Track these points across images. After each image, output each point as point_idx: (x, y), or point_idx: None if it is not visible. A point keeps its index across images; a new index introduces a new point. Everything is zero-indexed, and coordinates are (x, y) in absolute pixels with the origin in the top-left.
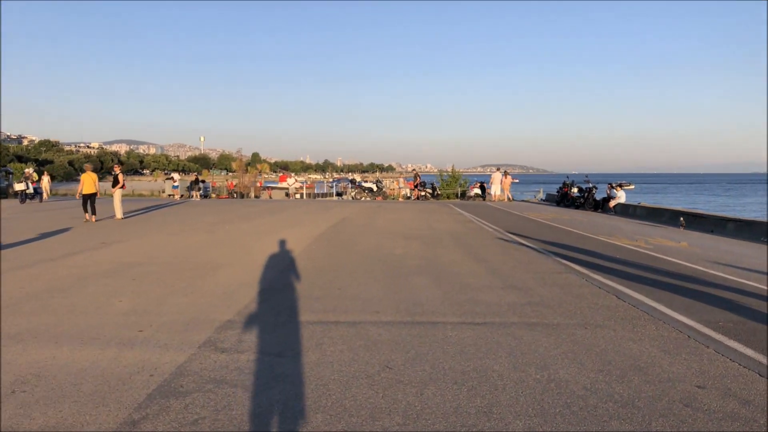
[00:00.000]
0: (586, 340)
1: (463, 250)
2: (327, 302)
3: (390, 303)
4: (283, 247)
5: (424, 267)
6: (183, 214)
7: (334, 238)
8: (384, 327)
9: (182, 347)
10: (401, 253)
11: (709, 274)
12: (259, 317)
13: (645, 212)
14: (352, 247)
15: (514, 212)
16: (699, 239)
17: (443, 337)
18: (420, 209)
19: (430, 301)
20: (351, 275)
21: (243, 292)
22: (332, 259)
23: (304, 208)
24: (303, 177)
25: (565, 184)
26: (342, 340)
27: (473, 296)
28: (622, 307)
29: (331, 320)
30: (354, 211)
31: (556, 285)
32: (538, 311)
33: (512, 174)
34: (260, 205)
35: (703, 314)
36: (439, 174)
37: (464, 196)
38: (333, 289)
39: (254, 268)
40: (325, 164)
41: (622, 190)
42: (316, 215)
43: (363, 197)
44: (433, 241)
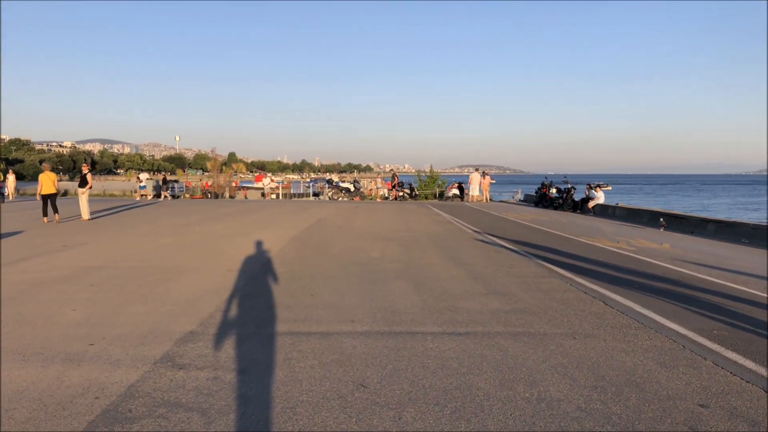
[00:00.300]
0: (576, 351)
1: (443, 253)
2: (299, 311)
3: (366, 311)
4: (254, 250)
5: (402, 271)
6: (153, 215)
7: (309, 240)
8: (359, 338)
9: (136, 363)
10: (378, 256)
11: (694, 278)
12: (224, 328)
13: (624, 213)
14: (328, 250)
15: (492, 213)
16: (680, 240)
17: (423, 349)
18: (398, 210)
19: (409, 308)
20: (325, 280)
21: (209, 299)
22: (306, 263)
23: (280, 209)
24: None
25: (543, 185)
26: (313, 354)
27: (454, 303)
28: (611, 314)
29: (303, 331)
30: (330, 211)
31: (540, 290)
32: (523, 319)
33: (489, 174)
34: (234, 206)
35: (695, 321)
36: (417, 174)
37: (442, 197)
38: (306, 296)
39: (222, 273)
40: (302, 164)
41: (601, 191)
42: (292, 216)
43: (340, 197)
44: (411, 243)
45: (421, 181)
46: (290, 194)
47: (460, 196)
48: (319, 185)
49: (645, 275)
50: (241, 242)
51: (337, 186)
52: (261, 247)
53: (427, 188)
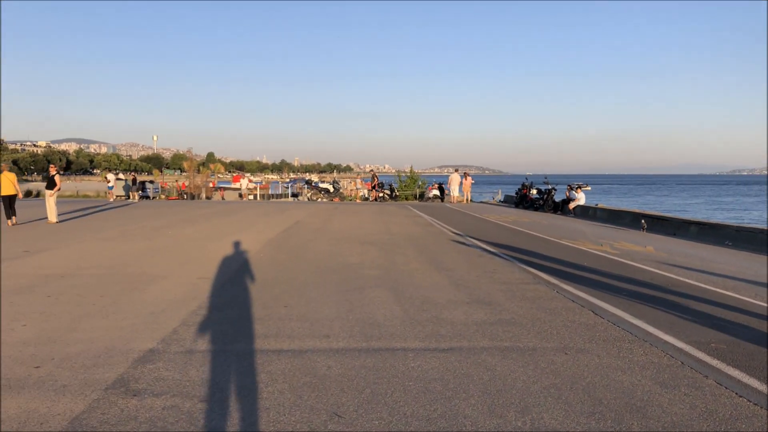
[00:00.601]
0: (569, 370)
1: (424, 258)
2: (270, 324)
3: (343, 324)
4: (227, 255)
5: (382, 278)
6: (125, 217)
7: (285, 244)
8: (335, 357)
9: (84, 390)
10: (357, 262)
11: (683, 284)
12: (188, 346)
13: (606, 214)
14: (304, 255)
15: (473, 214)
16: (664, 243)
17: (404, 369)
18: (378, 211)
19: (389, 320)
20: (300, 289)
21: (174, 312)
22: (281, 270)
23: (257, 210)
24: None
25: (524, 186)
26: (283, 376)
27: (437, 314)
28: (601, 325)
29: (273, 348)
30: (309, 213)
31: (526, 298)
32: (510, 332)
33: (470, 175)
34: (210, 207)
35: (690, 332)
36: (398, 175)
37: (423, 198)
38: (279, 308)
39: (192, 282)
40: (281, 164)
41: (581, 191)
42: (268, 218)
43: (319, 198)
44: (391, 247)
45: (401, 181)
46: (268, 195)
47: (440, 196)
48: (298, 186)
49: (633, 281)
50: (214, 247)
51: (316, 187)
52: (235, 252)
53: (408, 189)
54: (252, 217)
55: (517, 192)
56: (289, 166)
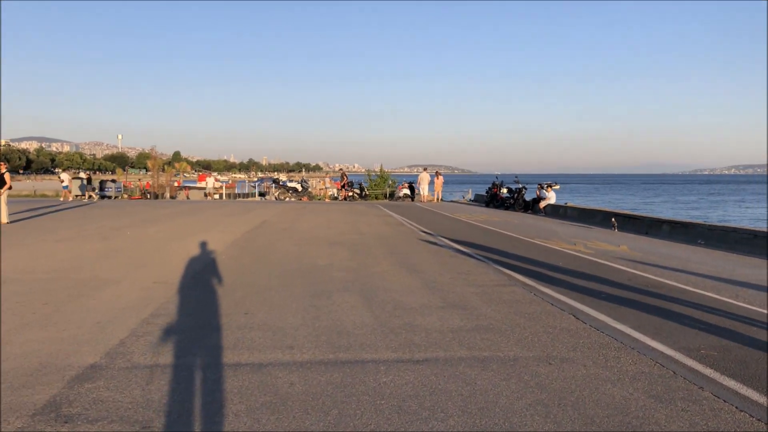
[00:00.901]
0: (555, 383)
1: (395, 259)
2: (229, 334)
3: (308, 333)
4: (187, 257)
5: (351, 281)
6: (83, 217)
7: (249, 245)
8: (299, 371)
9: (9, 416)
10: (325, 264)
11: (662, 284)
12: (135, 360)
13: (576, 213)
14: (270, 257)
15: (444, 213)
16: (637, 242)
17: (375, 385)
18: (347, 211)
19: (359, 328)
20: (264, 294)
21: (124, 320)
22: (244, 273)
23: (222, 210)
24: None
25: (494, 185)
26: (240, 395)
27: (410, 320)
28: (584, 330)
29: (231, 362)
30: (276, 212)
31: (503, 302)
32: (488, 340)
33: (433, 175)
34: (174, 207)
35: (676, 338)
36: (367, 174)
37: (393, 197)
38: (239, 315)
39: (147, 286)
40: (249, 163)
41: (552, 190)
42: (234, 218)
43: (287, 198)
44: (361, 247)
45: (371, 180)
46: (235, 194)
47: (410, 196)
48: (265, 185)
49: (611, 283)
50: (174, 248)
51: (284, 186)
52: (196, 254)
53: (378, 188)
54: (217, 216)
55: (488, 191)
56: (257, 165)
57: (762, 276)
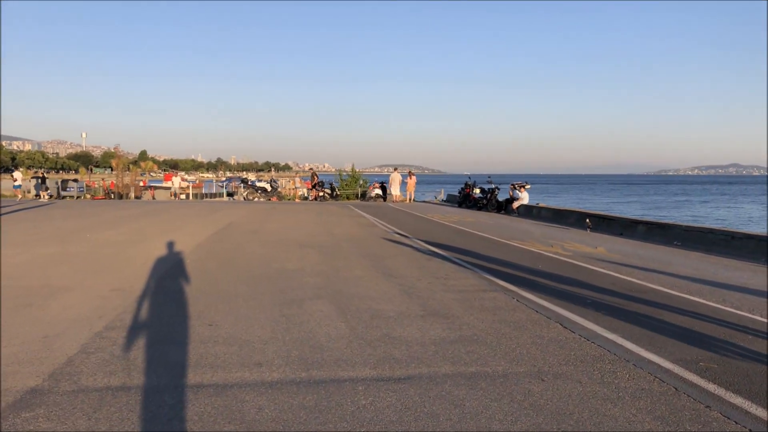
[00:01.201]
0: (551, 403)
1: (370, 263)
2: (191, 349)
3: (278, 347)
4: (149, 262)
5: (324, 287)
6: (40, 218)
7: (215, 248)
8: (268, 393)
9: None
10: (295, 268)
11: (647, 289)
12: (83, 382)
13: (550, 214)
14: (237, 261)
15: (417, 214)
16: (613, 243)
17: (353, 408)
18: (318, 211)
19: (333, 341)
20: (230, 302)
21: (74, 334)
22: (209, 279)
23: (188, 211)
24: (193, 176)
25: (467, 185)
26: (202, 423)
27: (388, 331)
28: (574, 341)
29: (192, 383)
30: (244, 213)
31: (486, 309)
32: (474, 352)
33: (405, 174)
34: (138, 207)
35: (671, 348)
36: (338, 173)
37: (364, 197)
38: (203, 326)
39: (104, 294)
40: (217, 162)
41: (525, 191)
42: (200, 219)
43: (256, 198)
44: (333, 250)
45: (342, 180)
46: (202, 194)
47: (382, 196)
48: (233, 185)
49: (595, 287)
50: (135, 252)
51: (252, 185)
52: (158, 258)
53: (349, 188)
54: (182, 217)
55: (460, 191)
56: (225, 164)
57: (745, 279)
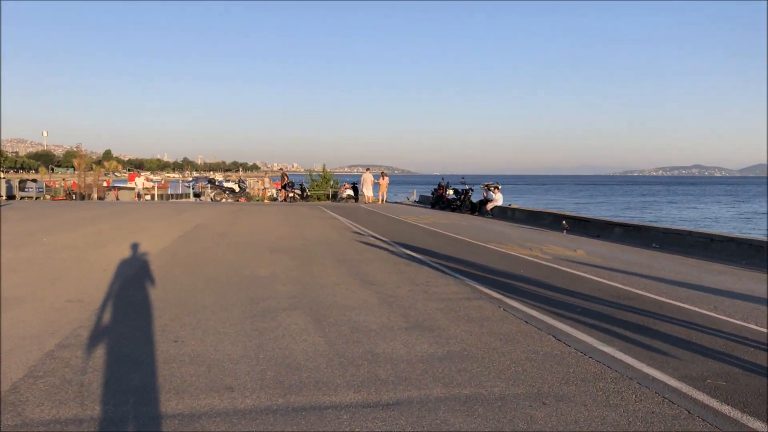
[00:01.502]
0: (558, 430)
1: (345, 268)
2: (154, 371)
3: (251, 367)
4: (109, 269)
5: (299, 297)
6: None
7: (181, 253)
8: (240, 423)
9: None
10: (267, 275)
11: (634, 295)
12: (28, 414)
13: (525, 215)
14: (204, 268)
15: (391, 216)
16: (591, 246)
17: None
18: (288, 213)
19: (312, 359)
20: (197, 315)
21: (21, 355)
22: (175, 288)
23: (152, 212)
24: (159, 176)
25: (440, 186)
26: None
27: (371, 347)
28: (571, 356)
29: (152, 413)
30: (211, 215)
31: (472, 320)
32: (466, 371)
33: (377, 175)
34: (100, 209)
35: (674, 363)
36: (309, 174)
37: (336, 198)
38: (167, 343)
39: (58, 307)
40: (184, 162)
41: (499, 192)
42: (165, 221)
43: (223, 199)
44: (306, 255)
45: (313, 180)
46: (168, 195)
47: (354, 197)
48: (200, 185)
49: (581, 295)
50: (95, 257)
51: (220, 186)
52: (120, 264)
53: (320, 189)
54: (146, 220)
55: (434, 192)
56: (192, 164)
57: (731, 283)
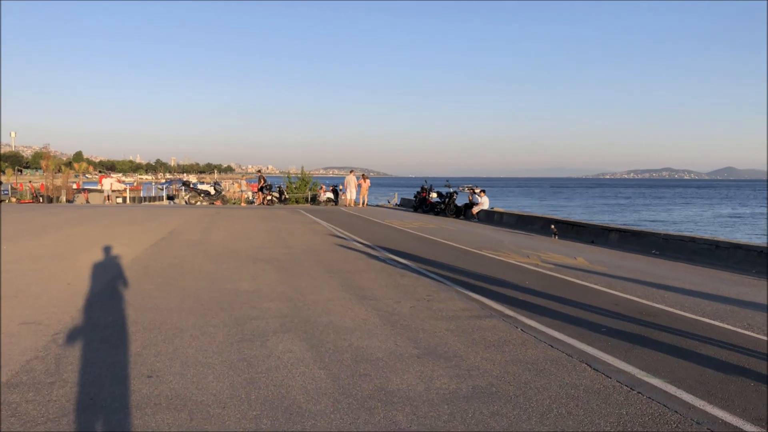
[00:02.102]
0: None
1: (337, 281)
2: (123, 419)
3: (243, 412)
4: (73, 284)
5: (289, 316)
6: None
7: (154, 264)
8: None
9: None
10: (251, 290)
11: (658, 311)
12: None
13: (513, 220)
14: (180, 281)
15: (375, 220)
16: (590, 253)
17: None
18: (268, 217)
19: (314, 400)
20: (174, 341)
21: None
22: (147, 307)
23: (124, 217)
24: (131, 178)
25: (423, 189)
26: None
27: (382, 383)
28: (617, 391)
29: None
30: (186, 220)
31: (490, 344)
32: (500, 414)
33: (358, 177)
34: (68, 213)
35: (738, 400)
36: (287, 176)
37: (314, 201)
38: (140, 378)
39: (9, 331)
40: (157, 164)
41: (485, 195)
42: (137, 227)
43: (198, 201)
44: (292, 265)
45: (291, 183)
46: (140, 198)
47: (334, 200)
48: (174, 187)
49: (599, 310)
50: (58, 269)
51: (194, 188)
52: (85, 278)
53: (298, 191)
54: (116, 225)
55: (416, 195)
56: (165, 166)
57: (753, 294)
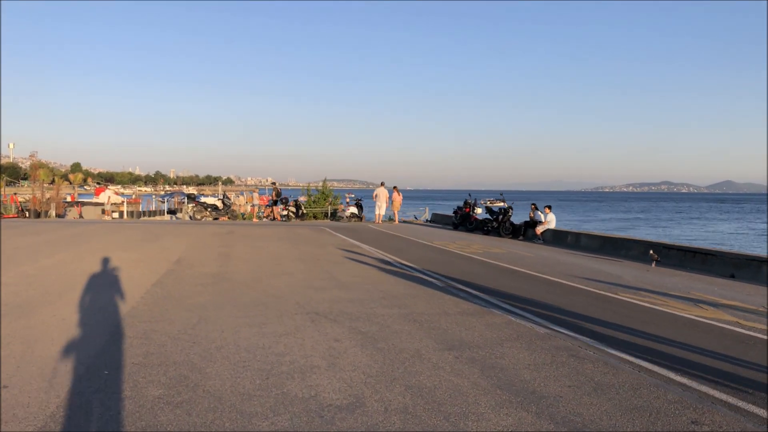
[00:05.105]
0: None
1: (478, 371)
2: None
3: None
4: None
5: None
6: None
7: (159, 330)
8: None
9: None
10: (343, 402)
11: None
12: None
13: (598, 243)
14: (206, 376)
15: (421, 242)
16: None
17: None
18: (292, 238)
19: None
20: None
21: None
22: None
23: (118, 236)
24: (130, 190)
25: (466, 203)
26: None
27: None
28: None
29: None
30: (195, 242)
31: None
32: None
33: (351, 189)
34: (54, 232)
35: None
36: (306, 189)
37: (335, 216)
38: None
39: None
40: (156, 176)
41: (550, 212)
42: (135, 252)
43: (204, 217)
44: (373, 327)
45: (309, 196)
46: (140, 212)
47: (358, 215)
48: (176, 200)
49: None
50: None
51: (199, 202)
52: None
53: (317, 205)
54: (110, 249)
55: (457, 210)
56: (164, 177)
57: None
